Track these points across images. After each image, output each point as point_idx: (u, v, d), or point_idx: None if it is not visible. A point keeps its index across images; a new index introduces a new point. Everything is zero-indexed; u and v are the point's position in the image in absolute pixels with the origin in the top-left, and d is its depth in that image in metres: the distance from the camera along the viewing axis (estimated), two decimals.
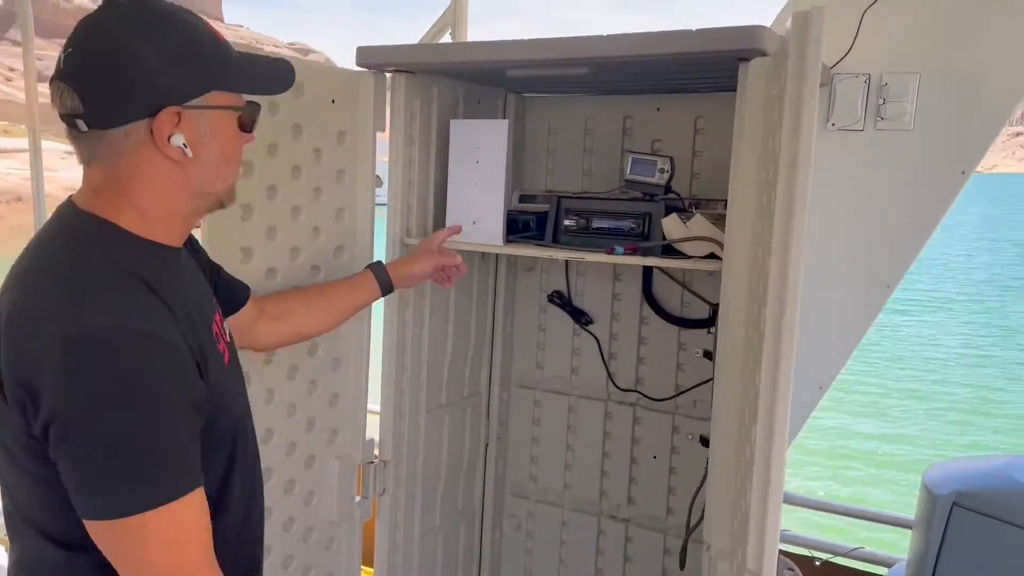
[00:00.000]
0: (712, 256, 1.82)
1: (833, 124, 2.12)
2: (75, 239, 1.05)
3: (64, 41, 1.04)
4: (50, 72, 1.03)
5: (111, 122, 1.02)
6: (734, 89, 2.10)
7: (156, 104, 1.02)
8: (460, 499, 2.48)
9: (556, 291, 2.51)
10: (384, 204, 2.06)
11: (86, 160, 1.07)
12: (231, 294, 1.52)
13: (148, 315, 1.00)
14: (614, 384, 2.44)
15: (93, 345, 0.94)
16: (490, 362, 2.55)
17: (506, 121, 2.01)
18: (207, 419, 1.07)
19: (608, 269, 2.43)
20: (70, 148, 1.06)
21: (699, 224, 1.83)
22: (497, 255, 2.47)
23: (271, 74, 1.18)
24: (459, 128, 2.07)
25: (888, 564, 2.23)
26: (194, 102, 1.05)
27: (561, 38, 1.71)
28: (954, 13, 1.98)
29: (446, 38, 2.69)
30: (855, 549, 2.35)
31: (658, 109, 2.31)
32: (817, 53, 1.11)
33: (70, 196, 1.10)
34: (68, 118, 1.02)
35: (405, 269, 1.88)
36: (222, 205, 1.17)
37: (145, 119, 1.02)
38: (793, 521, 2.43)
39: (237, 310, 1.53)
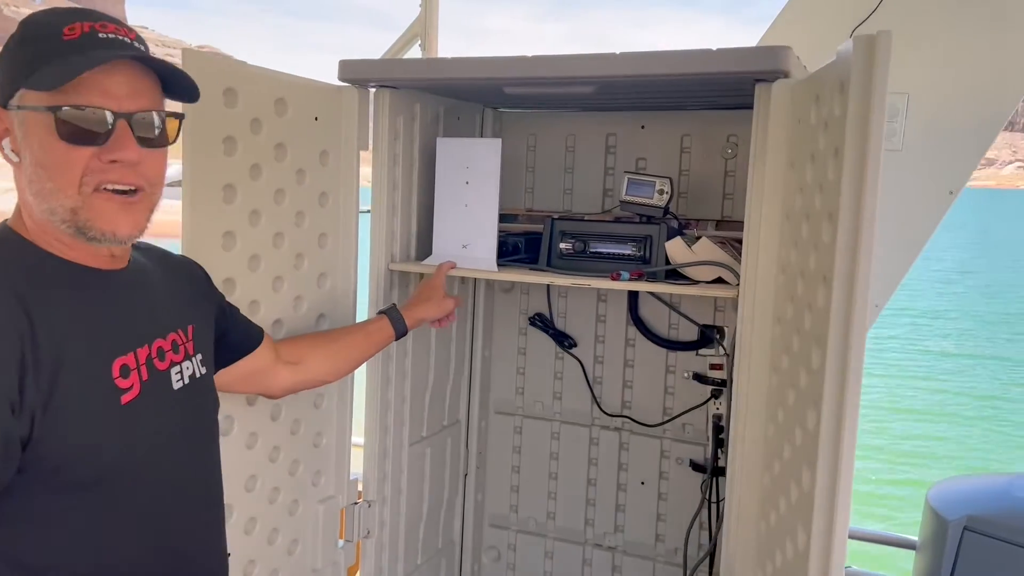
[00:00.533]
0: (719, 280, 1.77)
1: None
2: None
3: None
4: None
5: None
6: (723, 107, 2.11)
7: None
8: (440, 535, 2.36)
9: (538, 313, 2.42)
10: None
11: None
12: (245, 336, 1.44)
13: None
14: (600, 409, 2.37)
15: None
16: (468, 388, 2.44)
17: (499, 140, 1.92)
18: (47, 459, 0.97)
19: (592, 291, 2.36)
20: None
21: (705, 248, 1.77)
22: (472, 279, 2.37)
23: (53, 65, 1.00)
24: (447, 147, 1.96)
25: None
26: (14, 101, 1.01)
27: (569, 56, 1.63)
28: (943, 35, 1.99)
29: (415, 50, 2.57)
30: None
31: (642, 127, 2.25)
32: (885, 79, 1.06)
33: None
34: None
35: (416, 314, 1.80)
36: (69, 225, 1.02)
37: None
38: None
39: (250, 352, 1.44)
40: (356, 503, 1.98)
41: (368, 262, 1.94)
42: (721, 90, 1.83)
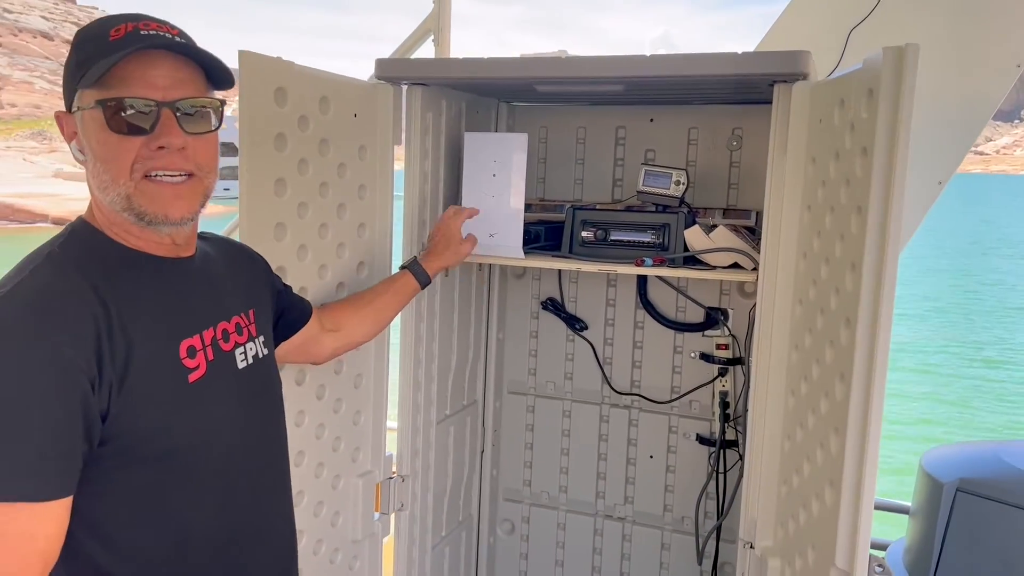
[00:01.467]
0: (734, 265, 1.91)
1: None
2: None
3: None
4: None
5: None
6: (728, 102, 2.25)
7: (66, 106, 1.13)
8: (461, 508, 2.48)
9: (550, 298, 2.55)
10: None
11: None
12: (299, 313, 1.55)
13: (44, 297, 1.02)
14: (611, 387, 2.51)
15: None
16: (484, 370, 2.56)
17: (525, 135, 2.03)
18: (135, 436, 1.06)
19: (602, 275, 2.49)
20: None
21: (723, 235, 1.91)
22: (490, 264, 2.48)
23: (91, 63, 1.07)
24: (474, 141, 2.06)
25: (874, 547, 2.39)
26: (75, 104, 1.11)
27: (602, 57, 1.74)
28: (934, 34, 2.14)
29: (427, 43, 2.67)
30: None
31: (651, 120, 2.38)
32: (912, 88, 1.19)
33: None
34: None
35: (436, 264, 1.89)
36: (134, 214, 1.11)
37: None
38: None
39: (303, 326, 1.54)
40: (390, 478, 2.09)
41: (400, 250, 2.05)
42: (731, 87, 1.96)
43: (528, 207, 2.48)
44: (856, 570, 1.29)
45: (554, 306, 2.55)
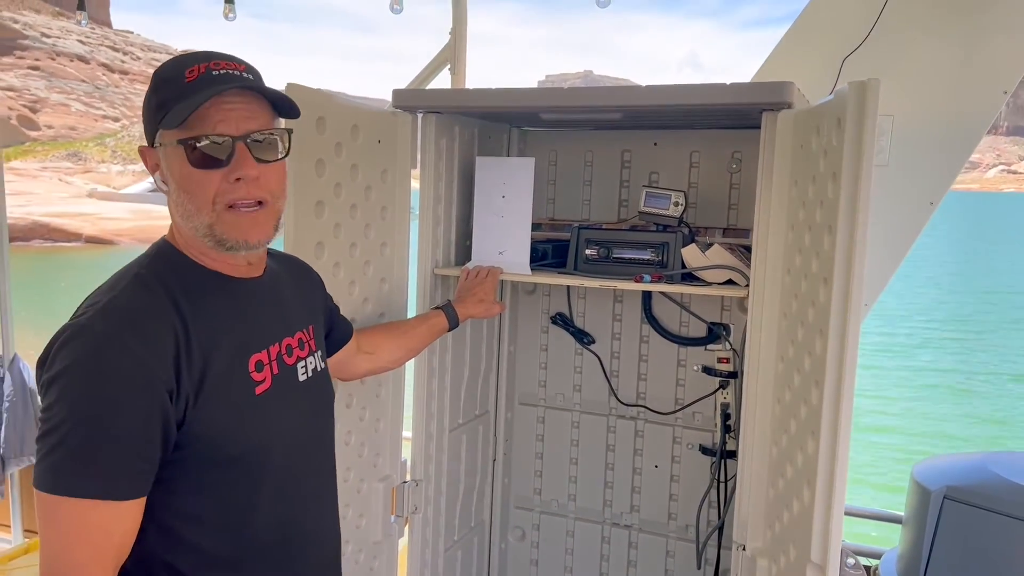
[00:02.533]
0: (729, 282, 2.02)
1: None
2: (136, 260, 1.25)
3: None
4: None
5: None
6: (728, 127, 2.36)
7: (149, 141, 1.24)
8: (473, 515, 2.59)
9: (559, 313, 2.67)
10: None
11: None
12: (343, 332, 1.67)
13: (129, 311, 1.14)
14: (617, 399, 2.61)
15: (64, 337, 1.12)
16: (496, 382, 2.68)
17: (532, 159, 2.16)
18: (195, 441, 1.16)
19: (609, 292, 2.60)
20: None
21: (718, 253, 2.02)
22: (502, 280, 2.60)
23: (172, 111, 1.17)
24: (485, 165, 2.20)
25: (869, 556, 2.47)
26: (157, 140, 1.22)
27: (600, 88, 1.87)
28: (924, 62, 2.25)
29: (444, 72, 2.82)
30: None
31: (655, 144, 2.50)
32: (875, 119, 1.31)
33: None
34: None
35: (468, 311, 2.06)
36: (215, 241, 1.20)
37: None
38: None
39: (344, 345, 1.66)
40: (405, 482, 2.21)
41: (415, 267, 2.18)
42: (729, 115, 2.08)
43: (538, 226, 2.62)
44: (829, 564, 1.38)
45: (563, 321, 2.66)
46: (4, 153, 3.16)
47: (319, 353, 1.43)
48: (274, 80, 1.69)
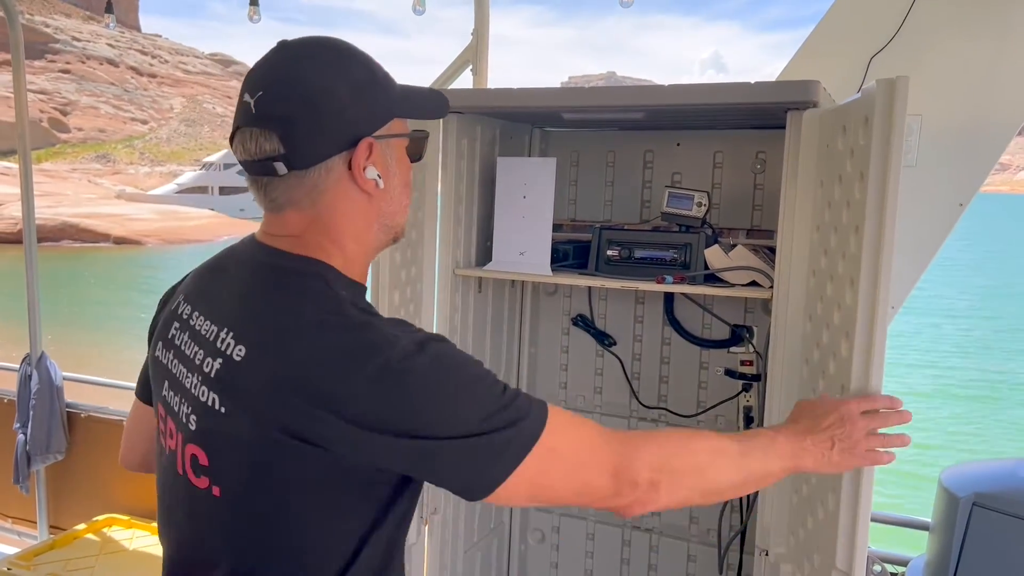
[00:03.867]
0: (753, 283, 1.99)
1: None
2: (313, 284, 1.05)
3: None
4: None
5: (313, 160, 1.03)
6: (752, 127, 2.33)
7: (351, 137, 1.05)
8: (492, 517, 2.58)
9: (580, 314, 2.65)
10: None
11: (280, 206, 1.07)
12: None
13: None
14: (639, 401, 2.59)
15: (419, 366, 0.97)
16: (516, 383, 2.66)
17: (554, 159, 2.15)
18: None
19: (631, 293, 2.58)
20: None
21: (741, 254, 1.99)
22: (523, 281, 2.59)
23: (432, 100, 1.18)
24: (506, 165, 2.19)
25: (896, 563, 2.43)
26: (381, 131, 1.08)
27: (623, 87, 1.85)
28: (954, 61, 2.21)
29: (466, 73, 2.81)
30: None
31: (678, 144, 2.48)
32: (903, 118, 1.28)
33: (256, 240, 1.12)
34: (263, 163, 1.03)
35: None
36: (395, 239, 1.17)
37: (342, 153, 1.05)
38: None
39: None
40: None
41: (438, 262, 2.18)
42: (753, 114, 2.05)
43: (560, 227, 2.61)
44: (855, 570, 1.36)
45: (584, 322, 2.65)
46: (35, 155, 3.18)
47: None
48: None
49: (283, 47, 1.08)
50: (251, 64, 1.10)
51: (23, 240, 3.67)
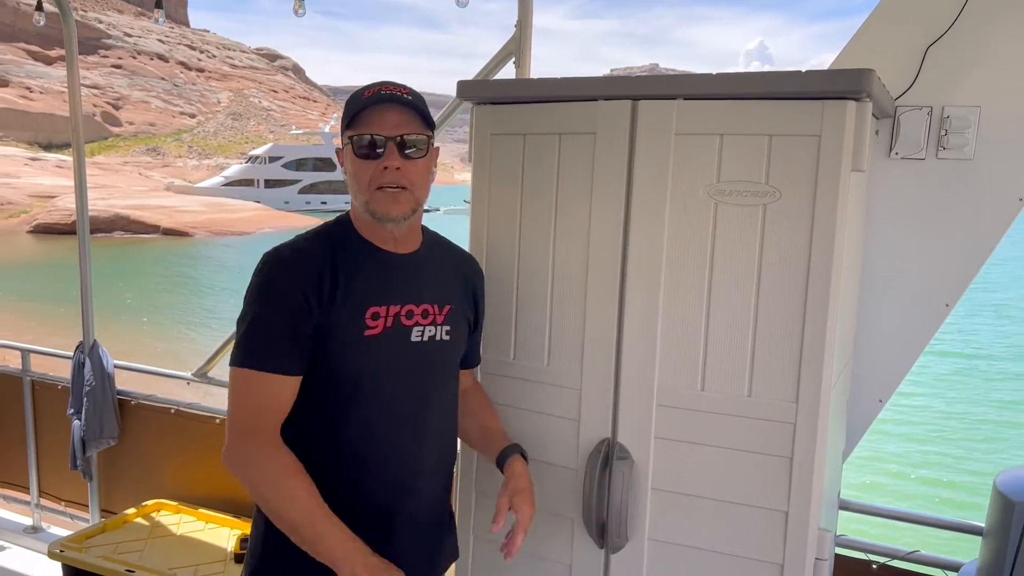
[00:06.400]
0: None
1: (896, 153, 2.25)
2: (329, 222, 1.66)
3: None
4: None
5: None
6: None
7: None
8: None
9: None
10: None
11: None
12: (467, 356, 1.83)
13: (299, 249, 1.56)
14: None
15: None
16: None
17: None
18: (324, 356, 1.53)
19: None
20: (33, 155, 1.29)
21: None
22: None
23: (350, 102, 1.57)
24: None
25: (947, 567, 2.36)
26: (343, 137, 1.59)
27: (667, 76, 1.82)
28: (1014, 49, 2.13)
29: (509, 66, 2.80)
30: (912, 552, 2.47)
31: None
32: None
33: None
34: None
35: (507, 473, 1.72)
36: (370, 213, 1.56)
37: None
38: (848, 526, 2.54)
39: (462, 369, 1.83)
40: None
41: None
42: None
43: None
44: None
45: None
46: (88, 148, 3.27)
47: (445, 328, 1.67)
48: (344, 76, 1.83)
49: None
50: (296, 58, 1.35)
51: (77, 231, 3.76)
